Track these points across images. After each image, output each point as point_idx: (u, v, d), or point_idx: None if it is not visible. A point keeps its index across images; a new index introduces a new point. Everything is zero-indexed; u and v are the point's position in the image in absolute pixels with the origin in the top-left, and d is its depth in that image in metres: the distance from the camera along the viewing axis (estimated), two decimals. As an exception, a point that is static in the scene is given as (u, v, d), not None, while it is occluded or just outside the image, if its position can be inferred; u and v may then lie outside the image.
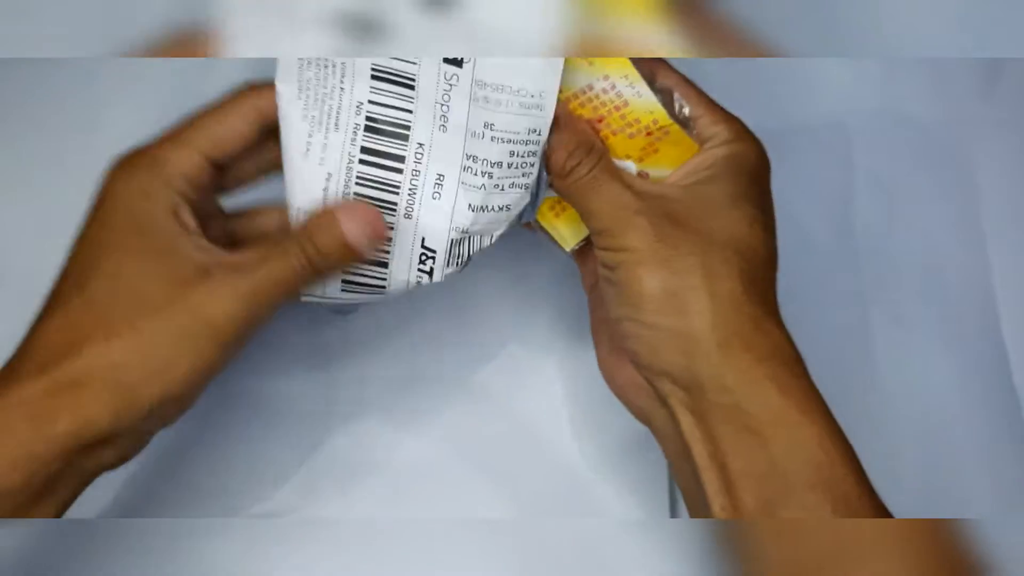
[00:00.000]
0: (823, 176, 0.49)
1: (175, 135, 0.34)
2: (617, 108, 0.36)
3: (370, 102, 0.34)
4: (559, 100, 0.35)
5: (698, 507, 0.33)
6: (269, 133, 0.35)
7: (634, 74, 0.36)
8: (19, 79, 0.48)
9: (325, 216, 0.34)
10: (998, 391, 0.46)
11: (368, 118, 0.34)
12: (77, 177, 0.35)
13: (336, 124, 0.34)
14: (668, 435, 0.35)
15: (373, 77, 0.34)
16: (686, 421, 0.32)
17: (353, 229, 0.33)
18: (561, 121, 0.35)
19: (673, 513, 0.42)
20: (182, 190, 0.33)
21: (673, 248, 0.33)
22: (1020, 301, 0.47)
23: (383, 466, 0.43)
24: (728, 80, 0.49)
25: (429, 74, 0.34)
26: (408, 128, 0.35)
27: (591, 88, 0.36)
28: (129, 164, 0.34)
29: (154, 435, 0.34)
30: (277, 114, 0.34)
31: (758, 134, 0.36)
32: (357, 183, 0.35)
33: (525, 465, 0.43)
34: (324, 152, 0.35)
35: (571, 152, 0.35)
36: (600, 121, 0.36)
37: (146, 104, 0.41)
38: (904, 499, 0.44)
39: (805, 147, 0.50)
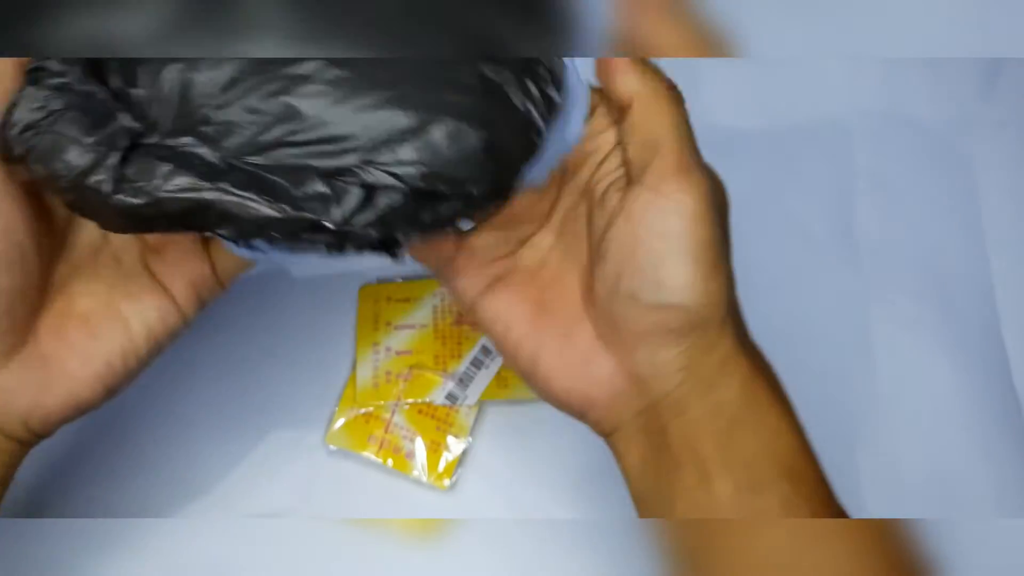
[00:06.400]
0: (823, 176, 0.49)
1: None
2: None
3: None
4: None
5: (655, 507, 0.32)
6: None
7: None
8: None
9: None
10: (998, 391, 0.45)
11: None
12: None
13: None
14: (636, 438, 0.32)
15: None
16: (666, 411, 0.31)
17: None
18: None
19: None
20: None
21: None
22: (1020, 301, 0.47)
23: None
24: (728, 80, 0.49)
25: None
26: None
27: None
28: None
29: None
30: None
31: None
32: None
33: (524, 465, 0.43)
34: None
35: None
36: None
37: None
38: (904, 499, 0.44)
39: (805, 147, 0.49)
